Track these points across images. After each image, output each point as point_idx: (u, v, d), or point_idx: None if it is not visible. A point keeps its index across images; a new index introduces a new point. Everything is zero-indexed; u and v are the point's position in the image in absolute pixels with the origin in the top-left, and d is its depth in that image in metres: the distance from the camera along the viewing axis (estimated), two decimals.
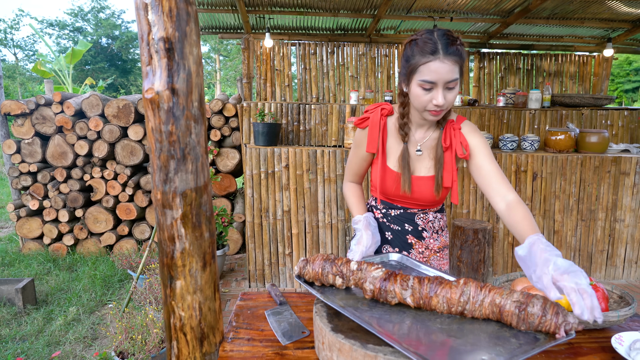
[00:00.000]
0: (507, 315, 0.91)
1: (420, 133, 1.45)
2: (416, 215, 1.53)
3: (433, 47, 1.21)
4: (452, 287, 0.96)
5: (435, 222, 1.57)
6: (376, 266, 1.05)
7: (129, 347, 2.28)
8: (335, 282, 1.09)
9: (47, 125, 4.41)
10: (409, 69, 1.27)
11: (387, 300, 1.01)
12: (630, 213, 3.91)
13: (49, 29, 24.04)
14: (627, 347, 1.00)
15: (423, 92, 1.26)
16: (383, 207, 1.57)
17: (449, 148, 1.41)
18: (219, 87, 22.58)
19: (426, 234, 1.55)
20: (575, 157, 3.80)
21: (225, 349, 1.01)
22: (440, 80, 1.23)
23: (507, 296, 0.92)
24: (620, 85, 18.49)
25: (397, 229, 1.55)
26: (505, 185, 1.28)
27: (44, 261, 4.26)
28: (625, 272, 4.00)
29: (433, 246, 1.56)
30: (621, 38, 5.06)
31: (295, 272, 1.14)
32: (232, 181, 4.71)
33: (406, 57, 1.29)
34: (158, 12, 0.89)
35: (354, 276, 1.06)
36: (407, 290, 1.00)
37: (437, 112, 1.29)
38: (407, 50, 1.29)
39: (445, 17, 4.62)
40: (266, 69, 4.77)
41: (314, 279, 1.11)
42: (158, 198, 0.96)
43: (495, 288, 0.95)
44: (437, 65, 1.21)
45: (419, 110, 1.33)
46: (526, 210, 1.18)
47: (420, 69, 1.23)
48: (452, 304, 0.95)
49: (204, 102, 0.99)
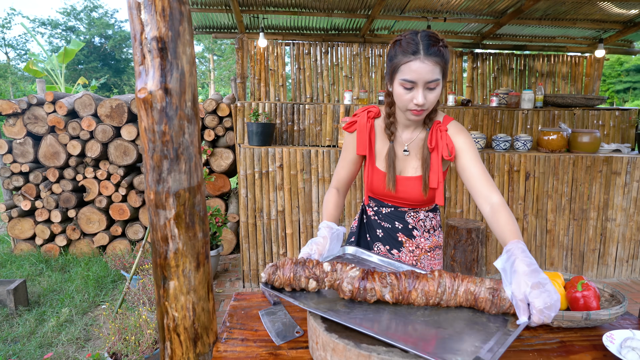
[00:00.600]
0: (481, 301, 0.98)
1: (407, 134, 1.47)
2: (407, 214, 1.55)
3: (414, 48, 1.24)
4: (428, 280, 1.01)
5: (427, 221, 1.57)
6: (351, 266, 1.04)
7: (122, 348, 2.27)
8: (309, 286, 1.04)
9: (39, 125, 4.38)
10: (392, 68, 1.30)
11: (366, 299, 1.01)
12: (622, 212, 3.94)
13: (41, 28, 23.85)
14: (618, 345, 1.01)
15: (404, 91, 1.28)
16: (375, 205, 1.60)
17: (435, 149, 1.42)
18: (212, 87, 22.51)
19: (417, 233, 1.56)
20: (567, 156, 3.83)
21: (219, 349, 1.01)
22: (420, 79, 1.24)
23: (480, 284, 1.00)
24: (611, 85, 18.66)
25: (388, 226, 1.57)
26: (490, 187, 1.29)
27: (36, 262, 4.22)
28: (617, 271, 4.04)
29: (424, 245, 1.57)
30: (612, 39, 5.11)
31: (263, 279, 1.06)
32: (226, 181, 4.70)
33: (390, 57, 1.32)
34: (151, 12, 0.88)
35: (329, 277, 1.03)
36: (387, 287, 1.01)
37: (418, 112, 1.31)
38: (391, 51, 1.31)
39: (438, 17, 4.64)
40: (260, 68, 4.76)
41: (285, 284, 1.04)
42: (151, 198, 0.96)
43: (466, 277, 1.01)
44: (417, 65, 1.23)
45: (401, 110, 1.36)
46: (509, 214, 1.20)
47: (402, 68, 1.26)
48: (431, 296, 1.00)
49: (197, 102, 0.99)
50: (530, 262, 0.99)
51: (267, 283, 1.06)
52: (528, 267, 0.97)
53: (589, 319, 1.07)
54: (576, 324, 1.09)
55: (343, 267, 1.04)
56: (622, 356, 0.96)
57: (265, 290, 1.06)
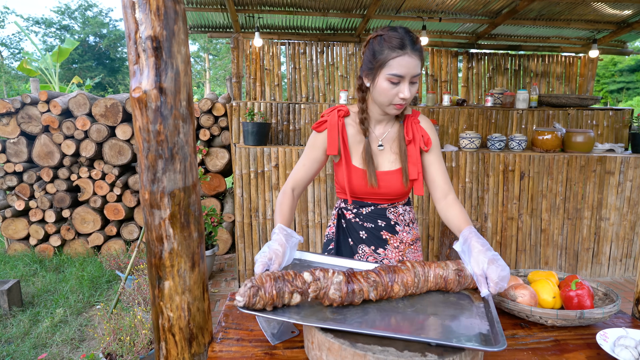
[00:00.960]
0: (451, 282, 1.10)
1: (379, 129, 1.48)
2: (387, 210, 1.55)
3: (401, 42, 1.26)
4: (404, 272, 1.06)
5: (406, 214, 1.59)
6: (332, 271, 1.01)
7: (117, 349, 2.26)
8: (292, 300, 0.97)
9: (33, 125, 4.35)
10: (377, 63, 1.29)
11: (354, 302, 1.00)
12: (615, 212, 3.97)
13: (35, 26, 23.69)
14: (612, 344, 1.01)
15: (390, 86, 1.29)
16: (354, 207, 1.56)
17: (412, 141, 1.45)
18: (208, 86, 22.45)
19: (399, 228, 1.57)
20: (561, 156, 3.85)
21: (215, 349, 1.01)
22: (408, 74, 1.28)
23: (446, 267, 1.11)
24: (605, 85, 18.77)
25: (371, 226, 1.55)
26: (449, 184, 1.44)
27: (30, 262, 4.20)
28: (610, 270, 4.07)
29: (407, 239, 1.58)
30: (606, 39, 5.14)
31: (241, 303, 0.94)
32: (222, 181, 4.69)
33: (373, 52, 1.31)
34: (145, 11, 0.88)
35: (312, 288, 0.98)
36: (372, 286, 1.02)
37: (401, 106, 1.34)
38: (373, 46, 1.31)
39: (434, 17, 4.65)
40: (256, 68, 4.75)
41: (268, 304, 0.95)
42: (146, 198, 0.96)
43: (432, 263, 1.12)
44: (406, 59, 1.26)
45: (383, 105, 1.36)
46: (462, 207, 1.37)
47: (390, 63, 1.27)
48: (409, 287, 1.06)
49: (192, 102, 0.99)
50: (483, 242, 1.14)
51: (247, 307, 0.95)
52: (482, 246, 1.12)
53: (582, 318, 1.08)
54: (570, 322, 1.10)
55: (325, 274, 1.00)
56: (616, 354, 0.96)
57: (245, 312, 0.95)
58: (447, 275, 1.10)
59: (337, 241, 1.60)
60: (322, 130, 1.46)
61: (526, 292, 1.15)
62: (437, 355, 0.83)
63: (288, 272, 1.00)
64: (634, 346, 0.97)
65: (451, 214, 1.36)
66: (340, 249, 1.60)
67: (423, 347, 0.86)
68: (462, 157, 3.80)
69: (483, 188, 3.86)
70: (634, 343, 0.98)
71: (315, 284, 0.98)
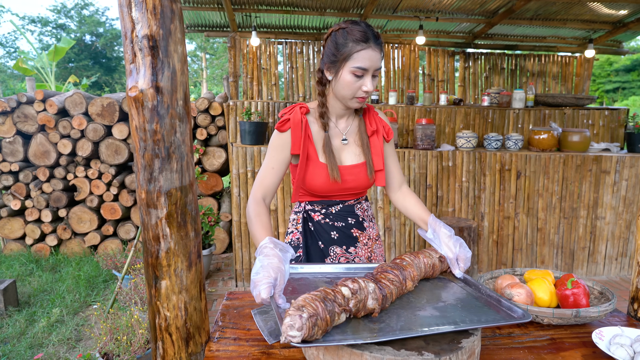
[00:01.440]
0: (436, 267, 1.21)
1: (342, 123, 1.47)
2: (355, 207, 1.54)
3: (365, 36, 1.27)
4: (409, 267, 1.11)
5: (368, 210, 1.61)
6: (361, 279, 0.98)
7: (113, 348, 2.26)
8: (339, 322, 0.89)
9: (29, 124, 4.33)
10: (341, 56, 1.29)
11: (385, 307, 0.99)
12: (611, 211, 3.99)
13: (30, 25, 23.56)
14: (607, 342, 1.02)
15: (354, 79, 1.29)
16: (322, 207, 1.50)
17: (376, 132, 1.48)
18: (205, 85, 22.40)
19: (366, 224, 1.57)
20: (557, 155, 3.86)
21: (212, 348, 1.01)
22: (372, 67, 1.29)
23: (431, 256, 1.21)
24: (601, 85, 18.84)
25: (342, 224, 1.51)
26: (402, 176, 1.56)
27: (26, 262, 4.18)
28: (606, 269, 4.09)
29: (372, 235, 1.59)
30: (602, 39, 5.16)
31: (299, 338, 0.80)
32: (219, 180, 4.68)
33: (336, 45, 1.30)
34: (142, 10, 0.88)
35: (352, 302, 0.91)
36: (396, 287, 1.03)
37: (363, 99, 1.35)
38: (336, 38, 1.30)
39: (430, 17, 4.65)
40: (253, 67, 4.75)
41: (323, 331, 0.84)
42: (142, 197, 0.96)
43: (419, 253, 1.20)
44: (370, 53, 1.28)
45: (345, 98, 1.34)
46: (416, 197, 1.50)
47: (354, 56, 1.27)
48: (415, 280, 1.12)
49: (189, 101, 0.99)
50: (448, 228, 1.28)
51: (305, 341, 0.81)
52: (449, 232, 1.26)
53: (578, 316, 1.09)
54: (566, 321, 1.11)
55: (358, 284, 0.94)
56: (612, 353, 0.97)
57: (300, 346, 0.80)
58: (433, 262, 1.20)
59: (305, 246, 1.52)
60: (286, 130, 1.38)
61: (522, 290, 1.16)
62: (433, 354, 0.83)
63: (325, 289, 0.90)
64: (630, 344, 0.98)
65: (409, 203, 1.49)
66: (309, 254, 1.52)
67: (420, 346, 0.86)
68: (459, 156, 3.81)
69: (480, 187, 3.87)
70: (629, 341, 0.99)
71: (355, 297, 0.91)
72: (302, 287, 1.12)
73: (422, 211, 1.43)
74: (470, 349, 0.88)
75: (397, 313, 0.99)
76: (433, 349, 0.85)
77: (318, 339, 0.83)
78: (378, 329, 0.91)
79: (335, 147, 1.45)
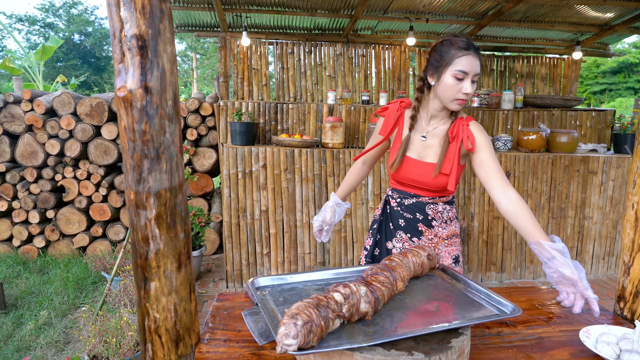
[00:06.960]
0: (425, 265, 1.21)
1: (431, 123, 1.62)
2: (427, 206, 1.67)
3: (467, 44, 1.45)
4: (398, 268, 1.11)
5: (445, 213, 1.68)
6: (352, 283, 0.97)
7: (102, 351, 2.23)
8: (332, 328, 0.89)
9: (16, 124, 4.28)
10: (444, 62, 1.46)
11: (378, 309, 0.98)
12: (598, 211, 4.04)
13: (18, 24, 23.24)
14: (594, 340, 1.03)
15: (455, 82, 1.45)
16: (398, 197, 1.71)
17: (455, 139, 1.55)
18: (195, 85, 22.28)
19: (435, 223, 1.68)
20: (546, 156, 3.91)
21: (202, 350, 1.01)
22: (472, 71, 1.45)
23: (419, 254, 1.21)
24: (588, 87, 19.07)
25: (410, 217, 1.69)
26: (505, 181, 1.44)
27: (14, 264, 4.12)
28: (594, 268, 4.14)
29: (441, 234, 1.69)
30: (589, 41, 5.23)
31: (294, 346, 0.79)
32: (209, 181, 4.66)
33: (440, 53, 1.48)
34: (130, 9, 0.87)
35: (345, 307, 0.91)
36: (387, 288, 1.03)
37: (463, 101, 1.48)
38: (440, 48, 1.49)
39: (421, 18, 4.68)
40: (243, 67, 4.73)
41: (319, 337, 0.84)
42: (131, 198, 0.95)
43: (407, 253, 1.20)
44: (470, 59, 1.44)
45: (447, 100, 1.50)
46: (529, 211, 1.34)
47: (456, 61, 1.44)
48: (405, 280, 1.12)
49: (178, 101, 0.98)
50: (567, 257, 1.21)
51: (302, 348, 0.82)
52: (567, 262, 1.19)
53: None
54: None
55: (349, 288, 0.94)
56: (598, 351, 0.98)
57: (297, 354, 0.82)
58: (422, 261, 1.21)
59: (380, 223, 1.79)
60: (382, 115, 1.69)
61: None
62: (423, 353, 0.84)
63: (317, 296, 0.90)
64: (616, 342, 0.99)
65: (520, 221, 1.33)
66: (382, 229, 1.78)
67: (410, 346, 0.87)
68: None
69: (469, 187, 3.90)
70: (615, 339, 1.00)
71: (347, 302, 0.91)
72: (294, 296, 1.10)
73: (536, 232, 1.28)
74: (460, 349, 0.88)
75: (390, 314, 0.99)
76: (423, 349, 0.85)
77: (314, 345, 0.83)
78: (373, 331, 0.91)
79: (413, 141, 1.62)
